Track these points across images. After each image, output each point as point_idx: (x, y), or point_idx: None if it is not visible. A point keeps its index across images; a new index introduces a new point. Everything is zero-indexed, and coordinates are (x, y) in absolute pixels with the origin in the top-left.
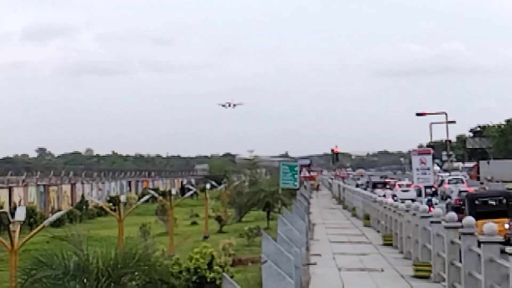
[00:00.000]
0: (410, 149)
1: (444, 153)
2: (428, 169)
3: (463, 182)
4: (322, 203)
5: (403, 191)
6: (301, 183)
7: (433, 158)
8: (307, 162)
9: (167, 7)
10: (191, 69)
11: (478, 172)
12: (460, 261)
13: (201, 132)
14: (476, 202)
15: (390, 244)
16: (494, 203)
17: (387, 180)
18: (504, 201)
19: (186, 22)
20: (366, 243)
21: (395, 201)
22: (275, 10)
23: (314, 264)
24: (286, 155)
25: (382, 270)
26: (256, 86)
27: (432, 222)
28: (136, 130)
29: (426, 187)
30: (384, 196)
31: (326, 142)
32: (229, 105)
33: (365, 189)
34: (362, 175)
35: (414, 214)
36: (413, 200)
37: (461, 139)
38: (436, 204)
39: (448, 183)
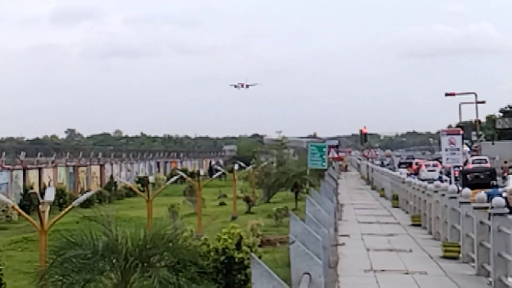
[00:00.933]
0: (439, 130)
1: (474, 133)
2: (458, 149)
3: (486, 162)
4: (351, 184)
5: (430, 171)
6: (329, 163)
7: (463, 138)
8: (335, 143)
9: None
10: (219, 51)
11: None
12: (489, 242)
13: (229, 113)
14: (468, 176)
15: (419, 225)
16: (482, 177)
17: (413, 160)
18: (489, 175)
19: (213, 4)
20: (395, 223)
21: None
22: None
23: (343, 244)
24: (314, 136)
25: (411, 251)
26: (283, 68)
27: (461, 202)
28: (164, 112)
29: (454, 167)
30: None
31: (355, 122)
32: (242, 86)
33: (390, 169)
34: (389, 156)
35: (443, 195)
36: (434, 180)
37: (491, 119)
38: (446, 180)
39: (472, 163)
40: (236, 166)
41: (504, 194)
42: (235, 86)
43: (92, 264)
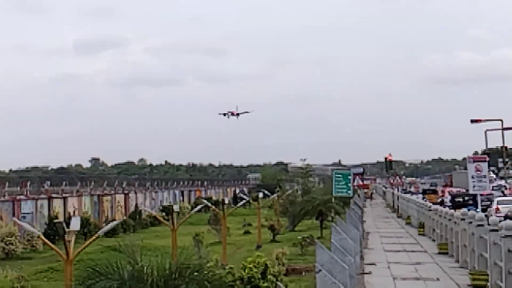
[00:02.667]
0: (466, 156)
1: (500, 160)
2: (484, 176)
3: (506, 189)
4: (376, 212)
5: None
6: (355, 191)
7: (489, 165)
8: (360, 170)
9: (218, 18)
10: (243, 79)
11: None
12: None
13: (253, 141)
14: (456, 199)
15: (446, 253)
16: (467, 198)
17: (436, 187)
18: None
19: (237, 32)
20: (421, 251)
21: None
22: (326, 19)
23: (369, 273)
24: (339, 164)
25: (438, 279)
26: (308, 95)
27: (489, 230)
28: (188, 140)
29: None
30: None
31: (380, 150)
32: (232, 114)
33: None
34: (414, 183)
35: (470, 223)
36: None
37: None
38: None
39: (492, 189)
40: (260, 194)
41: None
42: (224, 115)
43: None
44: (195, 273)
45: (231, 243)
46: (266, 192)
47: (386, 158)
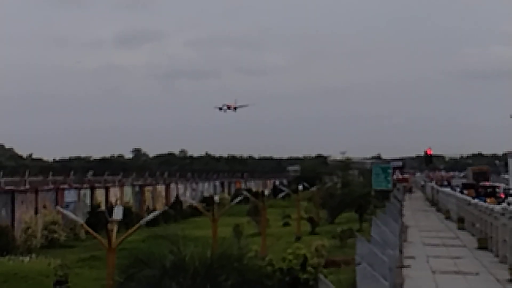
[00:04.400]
0: (506, 151)
1: None
2: None
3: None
4: (415, 205)
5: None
6: (394, 185)
7: None
8: (400, 164)
9: (254, 11)
10: (279, 72)
11: None
12: None
13: (293, 133)
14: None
15: (485, 248)
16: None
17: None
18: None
19: (272, 25)
20: (460, 246)
21: None
22: (362, 12)
23: (408, 266)
24: (378, 157)
25: (477, 274)
26: (346, 87)
27: None
28: (228, 132)
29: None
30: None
31: (419, 144)
32: (229, 108)
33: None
34: (452, 177)
35: (511, 218)
36: None
37: None
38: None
39: None
40: (300, 187)
41: None
42: (220, 109)
43: (159, 282)
44: (235, 264)
45: (270, 234)
46: (305, 184)
47: (426, 152)
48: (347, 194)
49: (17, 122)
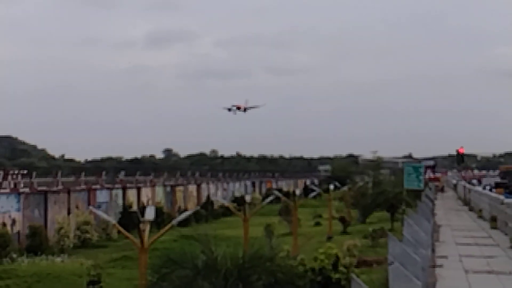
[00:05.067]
0: None
1: None
2: None
3: None
4: (447, 205)
5: None
6: (426, 184)
7: None
8: (431, 163)
9: (283, 10)
10: (309, 72)
11: None
12: None
13: (323, 133)
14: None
15: None
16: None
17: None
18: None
19: (301, 25)
20: (493, 245)
21: None
22: (392, 9)
23: (441, 266)
24: (409, 156)
25: (511, 273)
26: (376, 87)
27: None
28: (259, 132)
29: None
30: None
31: (451, 143)
32: (239, 109)
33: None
34: (484, 177)
35: None
36: None
37: None
38: None
39: None
40: (331, 186)
41: None
42: (229, 110)
43: (192, 282)
44: (267, 264)
45: (301, 234)
46: (337, 184)
47: (457, 151)
48: (378, 194)
49: (49, 123)
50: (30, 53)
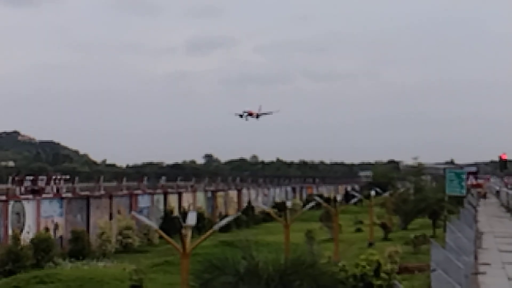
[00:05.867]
0: None
1: None
2: None
3: None
4: (490, 211)
5: None
6: (468, 190)
7: None
8: (474, 169)
9: (323, 17)
10: (349, 77)
11: None
12: None
13: (364, 138)
14: None
15: None
16: None
17: None
18: None
19: (341, 30)
20: None
21: None
22: (433, 15)
23: (483, 273)
24: (451, 162)
25: None
26: (417, 91)
27: None
28: (299, 137)
29: None
30: None
31: (493, 149)
32: (250, 115)
33: None
34: None
35: None
36: None
37: None
38: None
39: None
40: (372, 192)
41: None
42: (241, 116)
43: None
44: (309, 269)
45: (343, 240)
46: (378, 190)
47: (500, 157)
48: (420, 200)
49: (91, 129)
50: (74, 58)
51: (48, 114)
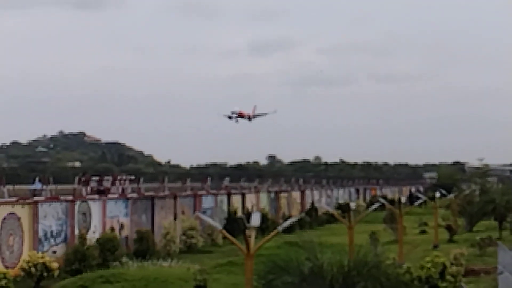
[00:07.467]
0: None
1: None
2: None
3: None
4: None
5: None
6: None
7: None
8: None
9: (384, 17)
10: (411, 78)
11: None
12: None
13: (428, 139)
14: None
15: None
16: None
17: None
18: None
19: (403, 32)
20: None
21: None
22: (496, 15)
23: None
24: None
25: None
26: (482, 92)
27: None
28: (363, 138)
29: None
30: None
31: None
32: (241, 117)
33: None
34: None
35: None
36: None
37: None
38: None
39: None
40: (437, 194)
41: None
42: (230, 118)
43: None
44: (373, 271)
45: (407, 242)
46: (442, 191)
47: None
48: (486, 202)
49: (155, 130)
50: (137, 61)
51: (113, 115)
